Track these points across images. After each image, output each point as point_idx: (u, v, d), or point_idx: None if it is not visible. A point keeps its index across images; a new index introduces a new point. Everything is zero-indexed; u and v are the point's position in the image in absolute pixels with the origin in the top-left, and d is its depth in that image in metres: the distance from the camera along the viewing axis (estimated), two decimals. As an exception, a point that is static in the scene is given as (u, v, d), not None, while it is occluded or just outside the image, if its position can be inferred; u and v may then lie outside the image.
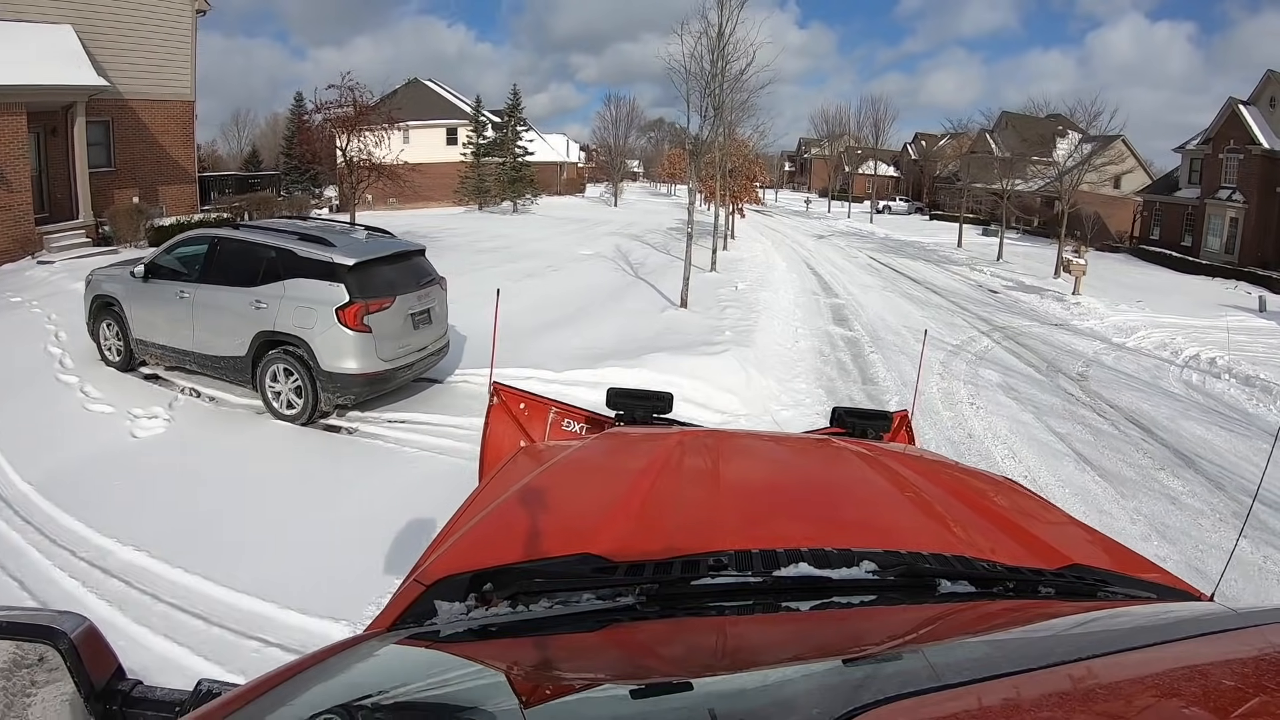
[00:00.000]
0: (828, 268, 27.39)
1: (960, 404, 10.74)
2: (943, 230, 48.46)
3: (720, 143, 22.00)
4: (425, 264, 9.25)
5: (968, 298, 22.10)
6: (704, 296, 16.34)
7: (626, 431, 2.57)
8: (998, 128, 52.64)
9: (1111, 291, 23.94)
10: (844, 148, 72.78)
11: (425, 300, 8.78)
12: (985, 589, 1.22)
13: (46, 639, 1.06)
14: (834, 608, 1.14)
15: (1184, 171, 41.33)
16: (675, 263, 21.49)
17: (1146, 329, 17.99)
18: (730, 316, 14.44)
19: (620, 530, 1.35)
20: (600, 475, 1.90)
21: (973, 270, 29.29)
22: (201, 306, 8.49)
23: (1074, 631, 1.05)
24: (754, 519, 1.51)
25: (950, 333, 15.95)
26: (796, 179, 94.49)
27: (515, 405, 3.45)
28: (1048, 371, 13.27)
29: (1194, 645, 0.86)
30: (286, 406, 8.16)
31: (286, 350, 8.03)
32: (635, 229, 34.75)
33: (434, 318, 8.98)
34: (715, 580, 1.17)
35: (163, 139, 22.84)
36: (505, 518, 1.50)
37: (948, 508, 1.60)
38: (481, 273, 18.28)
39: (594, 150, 75.16)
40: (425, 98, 51.14)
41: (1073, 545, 1.46)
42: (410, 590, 1.25)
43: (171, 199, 23.13)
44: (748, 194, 33.09)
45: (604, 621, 1.12)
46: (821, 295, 20.41)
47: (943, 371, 12.39)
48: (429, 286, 8.96)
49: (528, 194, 45.99)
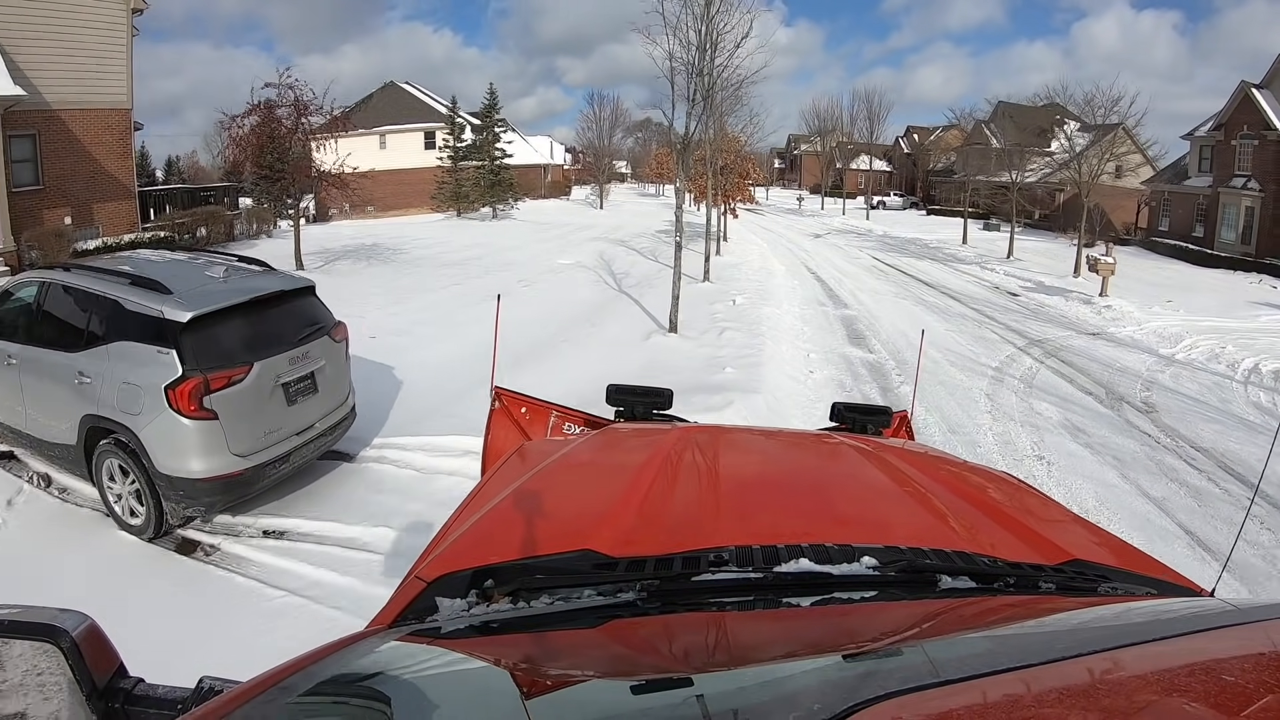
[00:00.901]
0: (830, 271, 25.28)
1: (1026, 458, 8.59)
2: (942, 225, 46.96)
3: (711, 137, 19.83)
4: (310, 308, 6.82)
5: (989, 303, 19.99)
6: (697, 315, 14.17)
7: (626, 428, 2.60)
8: (994, 118, 51.35)
9: (1137, 291, 21.92)
10: (835, 143, 70.88)
11: (306, 361, 6.39)
12: (986, 585, 1.21)
13: (48, 637, 1.04)
14: (835, 604, 1.14)
15: (1194, 159, 39.13)
16: (663, 271, 19.27)
17: (1190, 336, 16.02)
18: (730, 343, 12.22)
19: (621, 526, 1.36)
20: (600, 472, 1.93)
21: (984, 270, 27.36)
22: (28, 375, 6.25)
23: (1075, 627, 1.05)
24: (754, 515, 1.53)
25: (985, 350, 13.83)
26: (787, 176, 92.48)
27: (517, 410, 3.55)
28: (1109, 401, 11.16)
29: (1195, 641, 0.84)
30: (129, 514, 5.90)
31: (118, 442, 5.78)
32: (621, 233, 32.93)
33: (323, 383, 6.57)
34: (716, 576, 1.18)
35: (96, 151, 20.57)
36: (506, 514, 1.52)
37: (948, 503, 1.60)
38: (437, 294, 16.21)
39: (580, 152, 72.98)
40: (402, 101, 49.33)
41: (1073, 541, 1.45)
42: (411, 587, 1.25)
43: (108, 217, 20.90)
44: (740, 192, 30.94)
45: (605, 617, 1.12)
46: (829, 306, 18.24)
47: (992, 408, 10.26)
48: (312, 340, 6.53)
49: (509, 198, 43.62)
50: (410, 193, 46.08)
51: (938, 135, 70.70)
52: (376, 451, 7.44)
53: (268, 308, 6.27)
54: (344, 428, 6.97)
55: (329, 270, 19.43)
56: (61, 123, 19.67)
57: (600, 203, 55.67)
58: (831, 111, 73.02)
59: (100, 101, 20.47)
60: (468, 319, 13.78)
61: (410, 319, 13.65)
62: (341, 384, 6.94)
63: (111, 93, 20.78)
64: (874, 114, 68.48)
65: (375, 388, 9.12)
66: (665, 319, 13.29)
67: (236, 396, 5.75)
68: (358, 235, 28.41)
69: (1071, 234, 39.77)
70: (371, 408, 8.34)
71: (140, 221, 22.01)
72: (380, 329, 12.58)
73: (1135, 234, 41.34)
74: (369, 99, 49.62)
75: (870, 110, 68.61)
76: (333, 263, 20.78)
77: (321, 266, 19.75)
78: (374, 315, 13.74)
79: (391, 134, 47.94)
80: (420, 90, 51.41)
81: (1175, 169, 40.61)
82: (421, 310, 14.43)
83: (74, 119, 19.94)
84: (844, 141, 71.63)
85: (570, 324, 13.54)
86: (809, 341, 13.33)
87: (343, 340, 6.99)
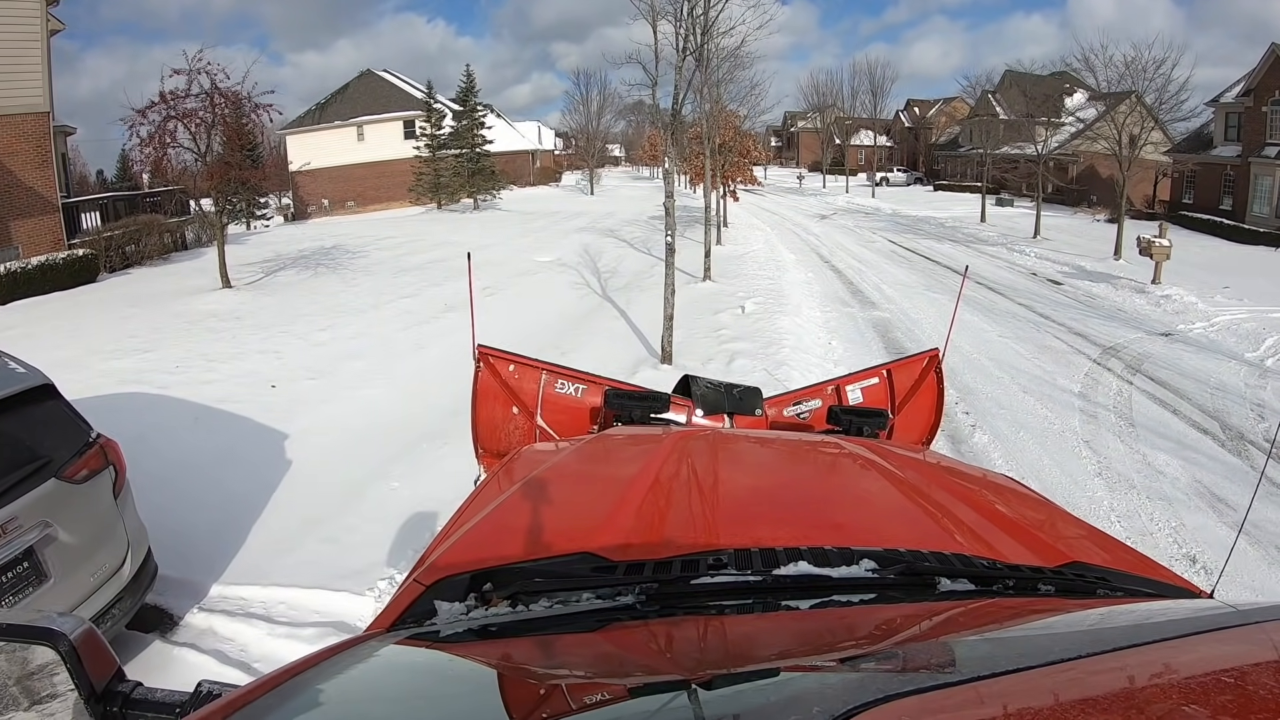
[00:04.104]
0: (846, 259, 22.60)
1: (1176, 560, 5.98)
2: (953, 202, 44.79)
3: (707, 111, 17.12)
4: (26, 428, 3.91)
5: (1034, 296, 17.30)
6: (698, 332, 11.52)
7: (624, 432, 2.60)
8: (1000, 88, 49.20)
9: (1188, 275, 19.23)
10: (833, 119, 68.14)
11: (9, 536, 3.54)
12: (985, 587, 1.21)
13: (46, 641, 1.03)
14: (834, 606, 1.14)
15: (1219, 127, 36.19)
16: (656, 266, 16.50)
17: (1270, 335, 13.41)
18: (744, 377, 9.47)
19: (619, 529, 1.38)
20: (599, 475, 1.96)
21: (1012, 252, 24.85)
22: None
23: (1074, 629, 1.05)
24: (753, 518, 1.54)
25: (1056, 365, 11.15)
26: (784, 154, 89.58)
27: (504, 369, 3.43)
28: (1231, 441, 8.53)
29: (1195, 643, 0.84)
30: None
31: None
32: (611, 221, 30.43)
33: (56, 560, 3.75)
34: (715, 579, 1.16)
35: (11, 162, 18.11)
36: (504, 518, 1.54)
37: (947, 506, 1.60)
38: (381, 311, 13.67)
39: (571, 136, 70.24)
40: (379, 90, 47.00)
41: (1072, 543, 1.49)
42: (410, 590, 1.26)
43: (28, 234, 18.38)
44: (741, 172, 28.22)
45: (604, 621, 1.11)
46: (855, 307, 15.54)
47: (1100, 468, 7.61)
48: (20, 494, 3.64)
49: (491, 188, 40.91)
50: (391, 185, 43.92)
51: (941, 107, 68.37)
52: (205, 619, 4.68)
53: None
54: (125, 610, 4.12)
55: (263, 285, 16.77)
56: (-35, 132, 17.27)
57: (591, 188, 53.02)
58: (830, 86, 70.43)
59: (12, 106, 18.00)
60: (408, 346, 11.17)
61: (337, 350, 11.05)
62: (106, 547, 4.11)
63: (25, 96, 18.32)
64: (877, 87, 65.37)
65: (243, 479, 6.50)
66: (657, 342, 10.56)
67: None
68: (319, 236, 25.79)
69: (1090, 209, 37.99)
70: (227, 521, 5.74)
71: (67, 237, 19.34)
72: (291, 370, 9.96)
73: (1156, 207, 38.61)
74: (345, 89, 47.36)
75: (873, 83, 65.51)
76: (275, 274, 18.14)
77: (257, 280, 17.13)
78: (292, 349, 11.12)
79: (369, 125, 45.75)
80: (399, 78, 48.92)
81: (1199, 137, 37.70)
82: (354, 337, 11.84)
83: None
84: (843, 117, 68.98)
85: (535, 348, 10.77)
86: (843, 366, 10.50)
87: (93, 474, 4.08)
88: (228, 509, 5.95)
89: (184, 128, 15.30)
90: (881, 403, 4.07)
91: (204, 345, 11.43)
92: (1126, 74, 26.56)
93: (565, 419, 3.74)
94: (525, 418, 3.79)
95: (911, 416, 4.13)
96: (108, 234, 20.13)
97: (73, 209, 20.56)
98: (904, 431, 4.04)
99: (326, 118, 46.06)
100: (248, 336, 11.97)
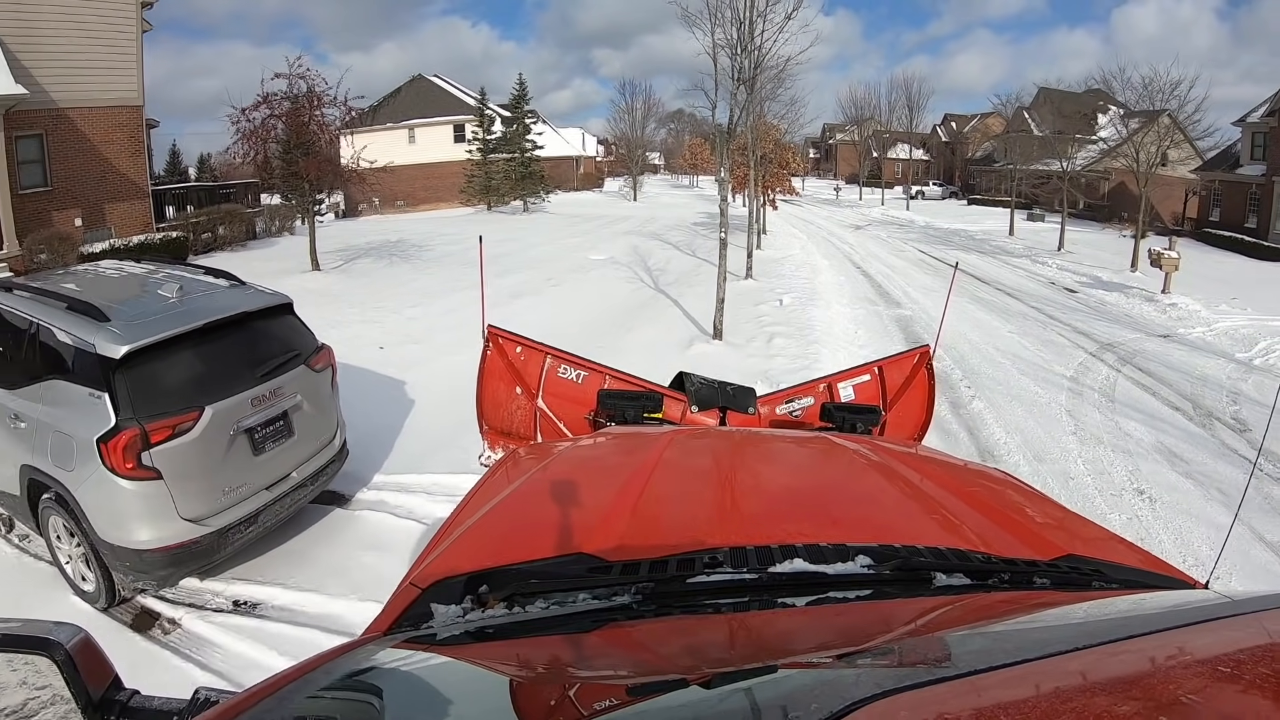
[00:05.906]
0: (877, 266, 24.08)
1: (1125, 492, 7.51)
2: (985, 216, 45.75)
3: (751, 124, 18.71)
4: (284, 331, 5.64)
5: (1047, 300, 18.73)
6: (742, 318, 13.18)
7: (619, 431, 2.59)
8: (1035, 104, 49.80)
9: (1199, 287, 20.41)
10: (871, 132, 69.23)
11: (275, 399, 5.25)
12: (981, 581, 1.21)
13: (42, 650, 1.03)
14: (830, 603, 1.14)
15: (1245, 146, 36.97)
16: (702, 267, 18.27)
17: (1265, 339, 14.67)
18: (781, 351, 11.23)
19: (615, 529, 1.37)
20: (594, 475, 1.90)
21: (1035, 263, 26.04)
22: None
23: (1070, 622, 1.04)
24: (748, 516, 1.54)
25: (1055, 356, 12.65)
26: (822, 166, 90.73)
27: (511, 351, 3.63)
28: (1200, 418, 9.97)
29: (1190, 633, 0.84)
30: (81, 579, 4.97)
31: (59, 499, 4.72)
32: (655, 225, 31.89)
33: (300, 424, 5.46)
34: (711, 578, 1.17)
35: (107, 150, 20.10)
36: (500, 519, 1.54)
37: (941, 501, 1.60)
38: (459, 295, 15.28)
39: (612, 143, 71.88)
40: (431, 94, 48.85)
41: (1067, 536, 1.48)
42: (406, 593, 1.26)
43: (120, 218, 20.40)
44: (780, 183, 29.73)
45: (600, 621, 1.12)
46: (881, 305, 17.10)
47: (1076, 429, 9.14)
48: (283, 372, 5.36)
49: (540, 191, 42.71)
50: (440, 187, 45.67)
51: (977, 123, 69.07)
52: (374, 494, 6.53)
53: (227, 334, 5.12)
54: (331, 473, 5.92)
55: (346, 270, 18.70)
56: (70, 122, 19.26)
57: (634, 195, 54.64)
58: (869, 100, 71.56)
59: (110, 99, 19.96)
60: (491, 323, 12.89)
61: (428, 324, 12.81)
62: (326, 421, 5.86)
63: (121, 90, 20.29)
64: (913, 101, 66.51)
65: (379, 410, 8.29)
66: (708, 323, 12.34)
67: (184, 450, 4.64)
68: (382, 231, 27.69)
69: (1119, 225, 38.80)
70: (373, 436, 7.52)
71: (155, 221, 21.40)
72: (394, 336, 11.77)
73: (1184, 224, 39.47)
74: (397, 93, 49.29)
75: (909, 98, 66.66)
76: (352, 261, 20.08)
77: (340, 266, 19.04)
78: (389, 321, 12.95)
79: (420, 127, 47.59)
80: (449, 83, 50.85)
81: (1226, 156, 38.56)
82: (441, 314, 13.57)
83: (82, 118, 19.53)
84: (880, 130, 70.03)
85: (602, 328, 12.60)
86: (866, 348, 12.16)
87: (325, 367, 5.89)
88: (379, 430, 7.71)
89: (283, 125, 17.29)
90: (873, 399, 4.26)
91: (309, 314, 13.17)
92: (1145, 94, 27.73)
93: (565, 404, 3.93)
94: (527, 399, 3.97)
95: (903, 412, 4.29)
96: (194, 220, 22.16)
97: (160, 195, 22.61)
98: (896, 427, 4.18)
99: (379, 119, 48.08)
100: (347, 310, 13.78)
